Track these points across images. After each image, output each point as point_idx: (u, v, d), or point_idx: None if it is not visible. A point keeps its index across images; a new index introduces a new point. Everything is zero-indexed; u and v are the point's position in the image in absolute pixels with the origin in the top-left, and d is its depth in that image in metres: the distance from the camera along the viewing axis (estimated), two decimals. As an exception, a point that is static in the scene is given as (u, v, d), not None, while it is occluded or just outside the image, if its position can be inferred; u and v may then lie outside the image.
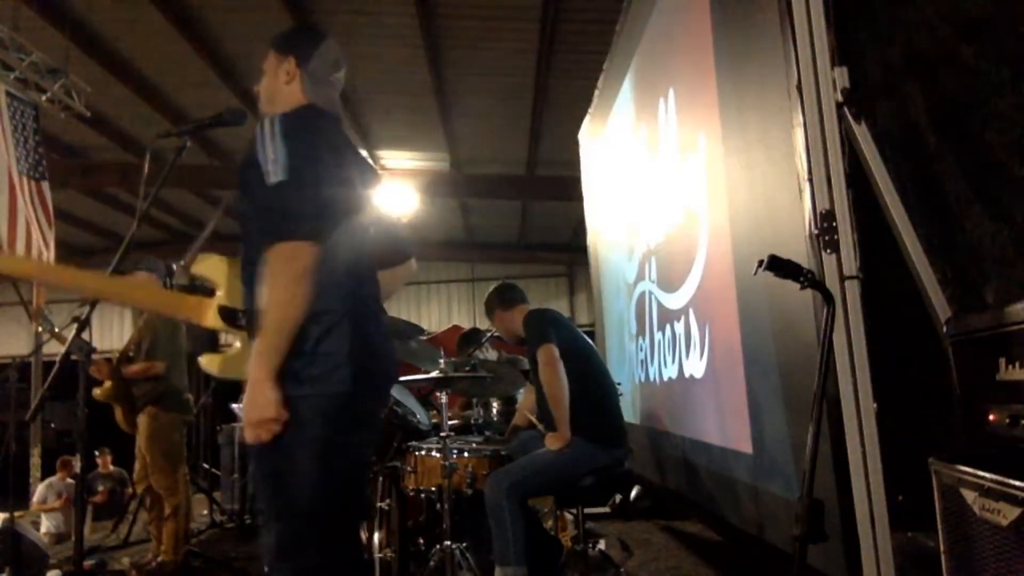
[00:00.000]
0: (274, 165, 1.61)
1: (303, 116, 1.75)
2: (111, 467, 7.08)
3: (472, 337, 4.56)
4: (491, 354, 4.55)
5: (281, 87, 1.85)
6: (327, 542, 1.66)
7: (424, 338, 4.02)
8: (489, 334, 4.29)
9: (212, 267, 1.81)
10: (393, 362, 1.89)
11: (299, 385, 1.63)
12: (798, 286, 1.67)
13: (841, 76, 1.97)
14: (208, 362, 1.77)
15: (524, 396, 3.86)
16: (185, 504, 4.28)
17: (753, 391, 2.55)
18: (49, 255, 6.18)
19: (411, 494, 3.26)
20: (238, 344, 1.77)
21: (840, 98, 1.97)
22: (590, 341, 3.49)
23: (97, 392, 4.10)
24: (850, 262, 1.90)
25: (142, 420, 4.16)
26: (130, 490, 6.63)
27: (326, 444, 1.64)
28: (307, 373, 1.63)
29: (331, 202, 1.67)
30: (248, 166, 1.69)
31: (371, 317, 1.79)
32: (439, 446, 3.04)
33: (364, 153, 1.92)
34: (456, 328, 8.65)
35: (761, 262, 1.65)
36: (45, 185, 6.19)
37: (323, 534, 1.66)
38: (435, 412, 3.63)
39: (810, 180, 1.95)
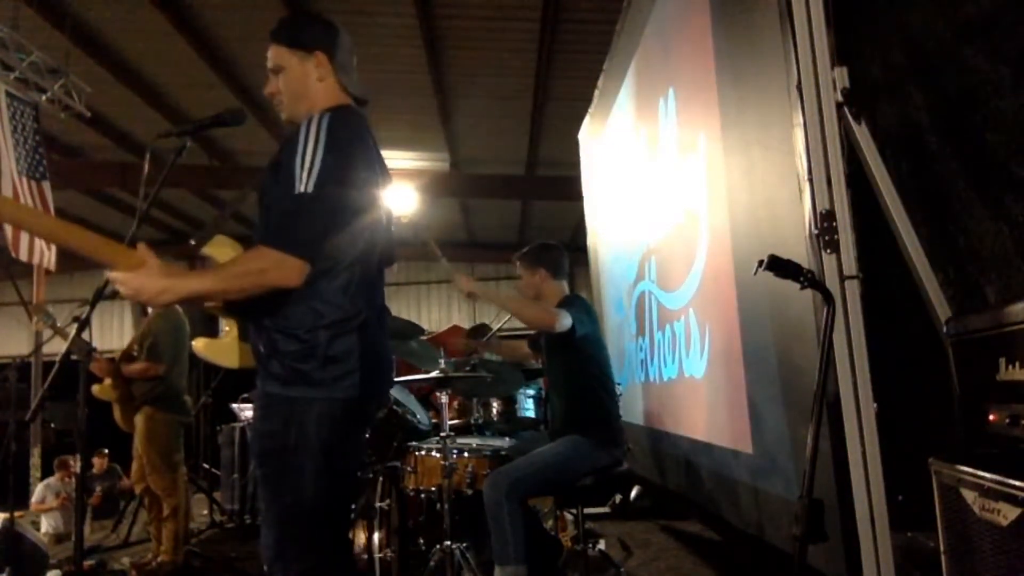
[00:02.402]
0: (307, 175, 1.59)
1: (347, 121, 1.71)
2: (105, 466, 7.09)
3: (479, 332, 4.58)
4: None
5: (313, 84, 1.81)
6: (325, 543, 1.67)
7: (424, 338, 4.01)
8: (494, 331, 4.29)
9: (222, 251, 1.79)
10: (392, 366, 1.90)
11: (310, 388, 1.64)
12: (798, 286, 1.67)
13: (841, 76, 1.97)
14: (198, 344, 1.77)
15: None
16: (184, 504, 4.28)
17: (753, 391, 2.55)
18: (50, 255, 6.18)
19: (411, 494, 3.26)
20: (226, 328, 1.77)
21: (840, 98, 1.97)
22: None
23: (96, 389, 4.11)
24: (850, 262, 1.90)
25: (139, 420, 4.17)
26: (124, 482, 6.61)
27: (330, 447, 1.65)
28: (318, 377, 1.64)
29: (346, 225, 1.65)
30: (279, 164, 1.67)
31: (379, 323, 1.80)
32: (439, 446, 3.04)
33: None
34: (456, 328, 8.63)
35: (761, 262, 1.65)
36: (46, 185, 6.18)
37: (322, 535, 1.66)
38: (435, 412, 3.63)
39: (810, 180, 1.95)
